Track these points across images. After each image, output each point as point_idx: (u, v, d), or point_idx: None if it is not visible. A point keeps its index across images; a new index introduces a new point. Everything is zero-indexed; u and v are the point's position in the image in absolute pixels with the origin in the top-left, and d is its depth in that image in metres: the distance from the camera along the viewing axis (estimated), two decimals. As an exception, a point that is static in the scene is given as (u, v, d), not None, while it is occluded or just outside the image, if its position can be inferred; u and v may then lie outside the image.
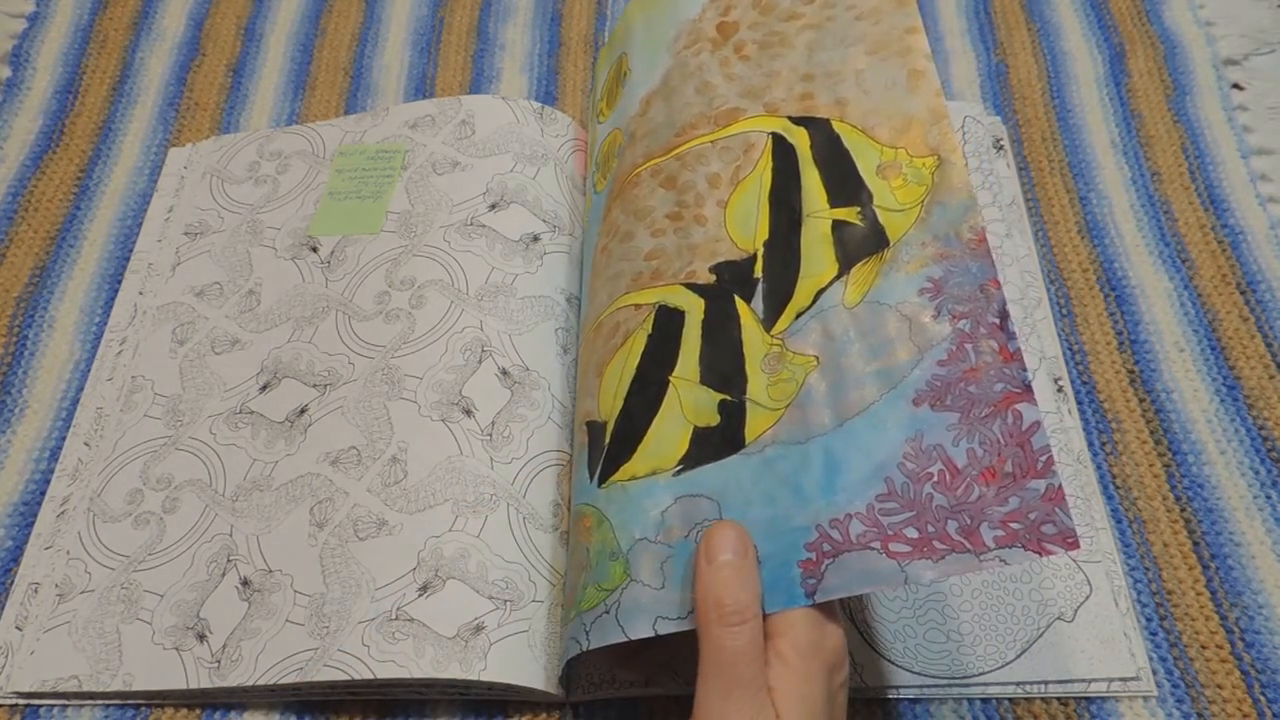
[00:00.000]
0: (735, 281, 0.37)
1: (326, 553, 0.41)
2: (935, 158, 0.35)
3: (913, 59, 0.37)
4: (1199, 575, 0.41)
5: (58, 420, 0.48)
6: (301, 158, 0.54)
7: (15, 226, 0.54)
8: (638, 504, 0.35)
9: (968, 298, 0.33)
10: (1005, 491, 0.30)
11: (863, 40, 0.39)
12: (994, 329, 0.32)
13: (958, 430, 0.31)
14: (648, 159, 0.42)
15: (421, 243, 0.49)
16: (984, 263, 0.33)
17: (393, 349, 0.46)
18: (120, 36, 0.63)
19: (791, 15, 0.41)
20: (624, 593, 0.34)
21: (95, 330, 0.51)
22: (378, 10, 0.64)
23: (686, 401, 0.36)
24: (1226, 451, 0.44)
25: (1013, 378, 0.31)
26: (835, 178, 0.37)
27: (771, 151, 0.39)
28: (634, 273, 0.40)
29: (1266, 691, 0.39)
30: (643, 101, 0.44)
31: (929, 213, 0.34)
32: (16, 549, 0.44)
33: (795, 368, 0.35)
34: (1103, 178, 0.53)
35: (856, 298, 0.35)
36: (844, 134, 0.37)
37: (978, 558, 0.30)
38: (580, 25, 0.62)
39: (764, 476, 0.34)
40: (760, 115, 0.39)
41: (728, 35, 0.42)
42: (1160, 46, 0.57)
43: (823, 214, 0.36)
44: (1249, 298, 0.48)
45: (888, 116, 0.37)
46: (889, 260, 0.35)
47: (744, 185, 0.39)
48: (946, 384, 0.32)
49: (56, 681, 0.40)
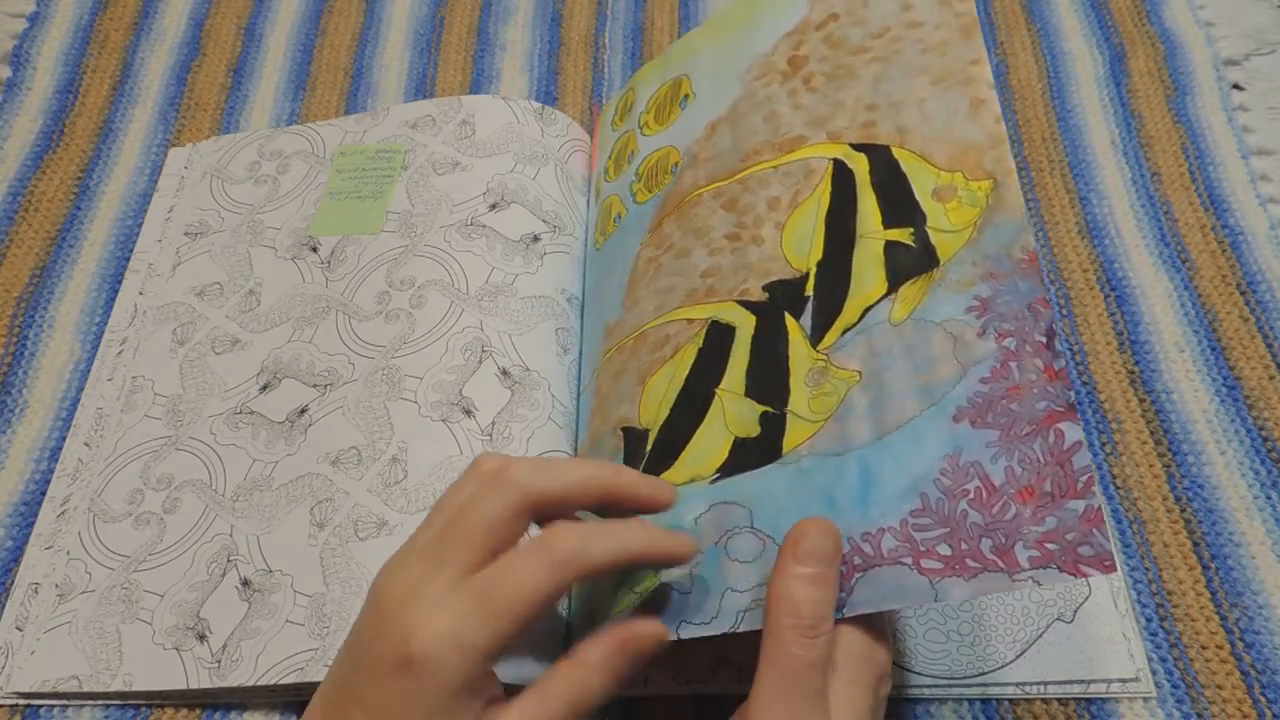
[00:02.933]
0: (786, 299, 0.38)
1: (327, 553, 0.41)
2: (991, 180, 0.36)
3: (975, 88, 0.38)
4: (1199, 576, 0.41)
5: (58, 420, 0.48)
6: (302, 158, 0.54)
7: (15, 226, 0.55)
8: (673, 511, 0.35)
9: (1015, 315, 0.33)
10: (1043, 511, 0.30)
11: (927, 71, 0.39)
12: (1040, 347, 0.32)
13: (997, 448, 0.31)
14: (710, 182, 0.43)
15: (422, 243, 0.49)
16: (1033, 281, 0.33)
17: (393, 349, 0.46)
18: (120, 36, 0.63)
19: (860, 49, 0.42)
20: (653, 595, 0.35)
21: (95, 330, 0.51)
22: (378, 10, 0.64)
23: (730, 412, 0.37)
24: (1227, 452, 0.44)
25: (1056, 396, 0.31)
26: (891, 201, 0.38)
27: (831, 176, 0.39)
28: (688, 289, 0.41)
29: (1267, 692, 0.39)
30: (708, 127, 0.45)
31: (981, 233, 0.35)
32: (17, 549, 0.44)
33: (838, 382, 0.35)
34: (1103, 178, 0.53)
35: (903, 314, 0.35)
36: (903, 159, 0.38)
37: (1011, 577, 0.29)
38: (580, 25, 0.62)
39: (798, 486, 0.34)
40: (823, 143, 0.40)
41: (797, 68, 0.43)
42: (1160, 47, 0.57)
43: (876, 235, 0.37)
44: (1249, 298, 0.48)
45: (947, 142, 0.37)
46: (938, 279, 0.35)
47: (802, 208, 0.39)
48: (988, 401, 0.32)
49: (57, 681, 0.40)
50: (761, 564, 0.33)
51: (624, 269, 0.45)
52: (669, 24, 0.62)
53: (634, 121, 0.51)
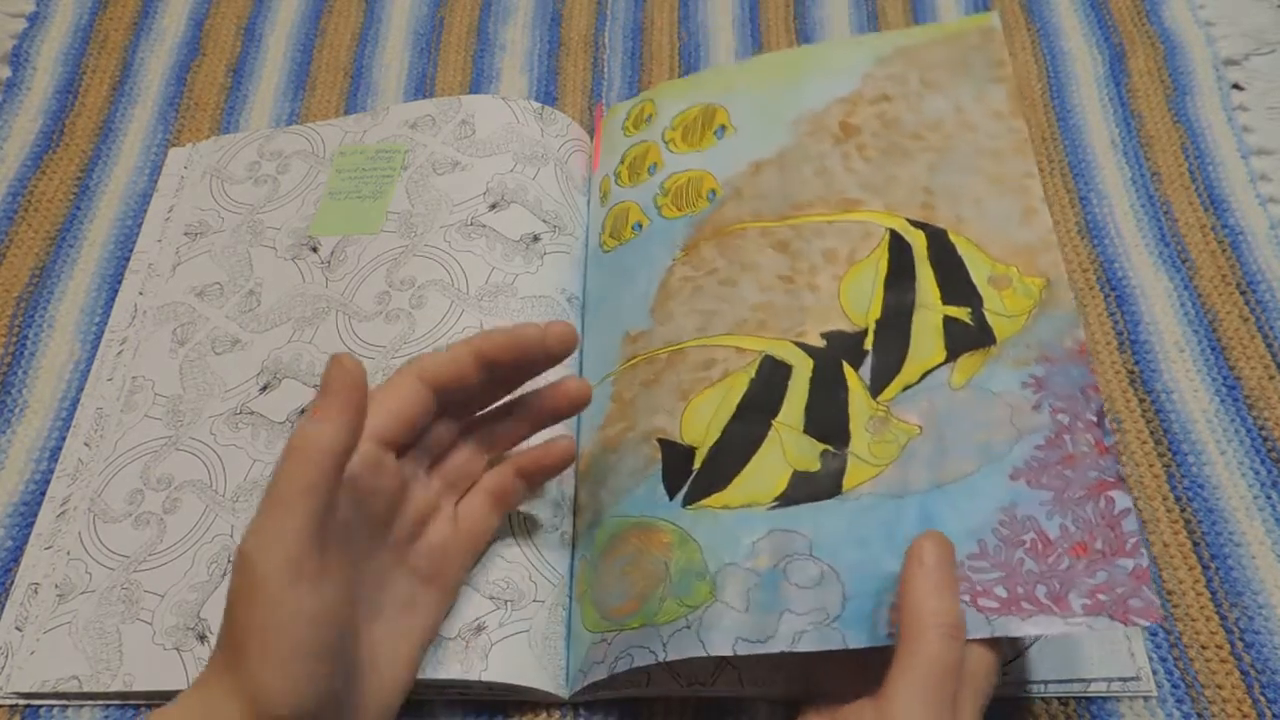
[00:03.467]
0: (845, 350, 0.41)
1: (327, 553, 0.41)
2: (1045, 279, 0.40)
3: (1028, 199, 0.42)
4: (1199, 576, 0.41)
5: (58, 420, 0.48)
6: (301, 157, 0.54)
7: (15, 226, 0.54)
8: (730, 532, 0.38)
9: (1068, 396, 0.36)
10: (1094, 566, 0.33)
11: (982, 172, 0.43)
12: (1091, 425, 0.35)
13: (1051, 506, 0.34)
14: (757, 219, 0.45)
15: (422, 243, 0.49)
16: (1084, 369, 0.37)
17: (393, 349, 0.46)
18: (120, 36, 0.63)
19: (915, 135, 0.46)
20: (707, 610, 0.36)
21: (95, 330, 0.51)
22: (377, 10, 0.64)
23: (789, 446, 0.39)
24: (1227, 452, 0.44)
25: (1106, 468, 0.34)
26: (949, 279, 0.41)
27: (888, 245, 0.43)
28: (737, 318, 0.43)
29: (1266, 692, 0.39)
30: (752, 165, 0.48)
31: (1035, 322, 0.39)
32: (17, 549, 0.44)
33: (899, 432, 0.38)
34: (1102, 178, 0.53)
35: (963, 381, 0.38)
36: (959, 244, 0.42)
37: (1065, 620, 0.32)
38: (580, 25, 0.62)
39: (859, 521, 0.36)
40: (880, 211, 0.44)
41: (850, 134, 0.47)
42: (1160, 47, 0.57)
43: (935, 308, 0.40)
44: (1249, 298, 0.48)
45: (1002, 237, 0.41)
46: (995, 355, 0.39)
47: (860, 266, 0.42)
48: (1044, 465, 0.35)
49: (57, 682, 0.40)
50: (821, 590, 0.35)
51: (649, 280, 0.46)
52: (669, 24, 0.62)
53: (656, 135, 0.51)
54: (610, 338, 0.46)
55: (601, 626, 0.38)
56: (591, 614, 0.39)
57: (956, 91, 0.46)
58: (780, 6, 0.62)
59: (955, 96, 0.46)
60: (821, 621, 0.34)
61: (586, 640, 0.39)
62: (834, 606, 0.35)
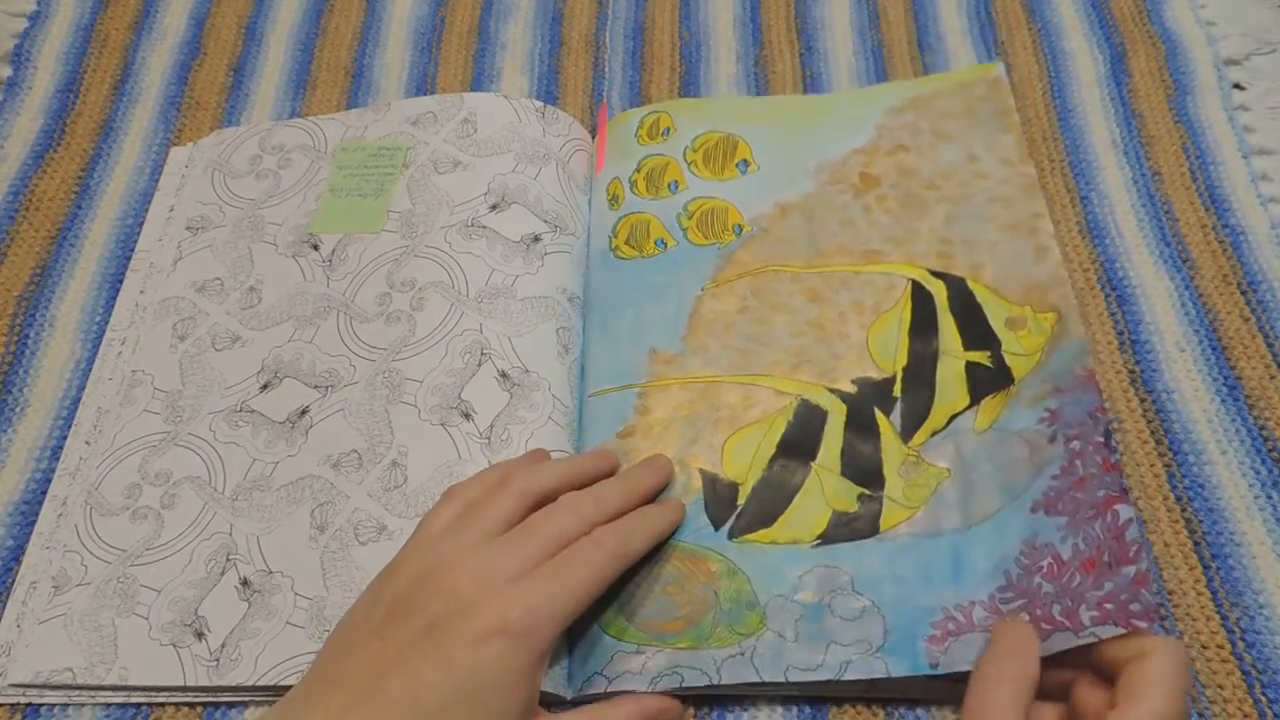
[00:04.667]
0: (876, 396, 0.44)
1: (327, 556, 0.41)
2: (1056, 313, 0.44)
3: (1039, 238, 0.46)
4: (1199, 575, 0.41)
5: (59, 419, 0.48)
6: (303, 152, 0.54)
7: (16, 225, 0.55)
8: (777, 566, 0.40)
9: (1079, 423, 0.40)
10: (1102, 578, 0.35)
11: (996, 219, 0.47)
12: (1099, 446, 0.39)
13: (1065, 530, 0.37)
14: (786, 264, 0.48)
15: (422, 243, 0.49)
16: (1093, 394, 0.41)
17: (394, 352, 0.46)
18: (121, 35, 0.63)
19: (930, 185, 0.49)
20: (759, 639, 0.38)
21: (96, 329, 0.51)
22: (378, 9, 0.64)
23: (828, 488, 0.42)
24: (1227, 452, 0.44)
25: (1113, 484, 0.37)
26: (969, 326, 0.45)
27: (911, 295, 0.46)
28: (772, 359, 0.46)
29: (1267, 692, 0.39)
30: (778, 207, 0.50)
31: (1048, 357, 0.43)
32: (18, 548, 0.44)
33: (929, 476, 0.41)
34: (1103, 177, 0.53)
35: (986, 424, 0.42)
36: (977, 291, 0.45)
37: (1076, 635, 0.34)
38: (581, 25, 0.62)
39: (896, 560, 0.39)
40: (902, 263, 0.47)
41: (870, 186, 0.50)
42: (1161, 46, 0.57)
43: (957, 354, 0.44)
44: (1250, 298, 0.48)
45: (1016, 278, 0.45)
46: (1014, 395, 0.42)
47: (886, 316, 0.46)
48: (1059, 494, 0.38)
49: (51, 674, 0.40)
50: (863, 623, 0.38)
51: (678, 303, 0.48)
52: (669, 24, 0.62)
53: (677, 152, 0.53)
54: (631, 347, 0.47)
55: (636, 637, 0.39)
56: (618, 621, 0.39)
57: (968, 141, 0.50)
58: (781, 6, 0.62)
59: (967, 146, 0.50)
60: (866, 652, 0.37)
61: (606, 645, 0.39)
62: (876, 638, 0.38)
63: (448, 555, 0.36)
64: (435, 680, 0.32)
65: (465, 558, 0.35)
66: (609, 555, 0.37)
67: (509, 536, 0.36)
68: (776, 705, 0.39)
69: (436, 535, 0.37)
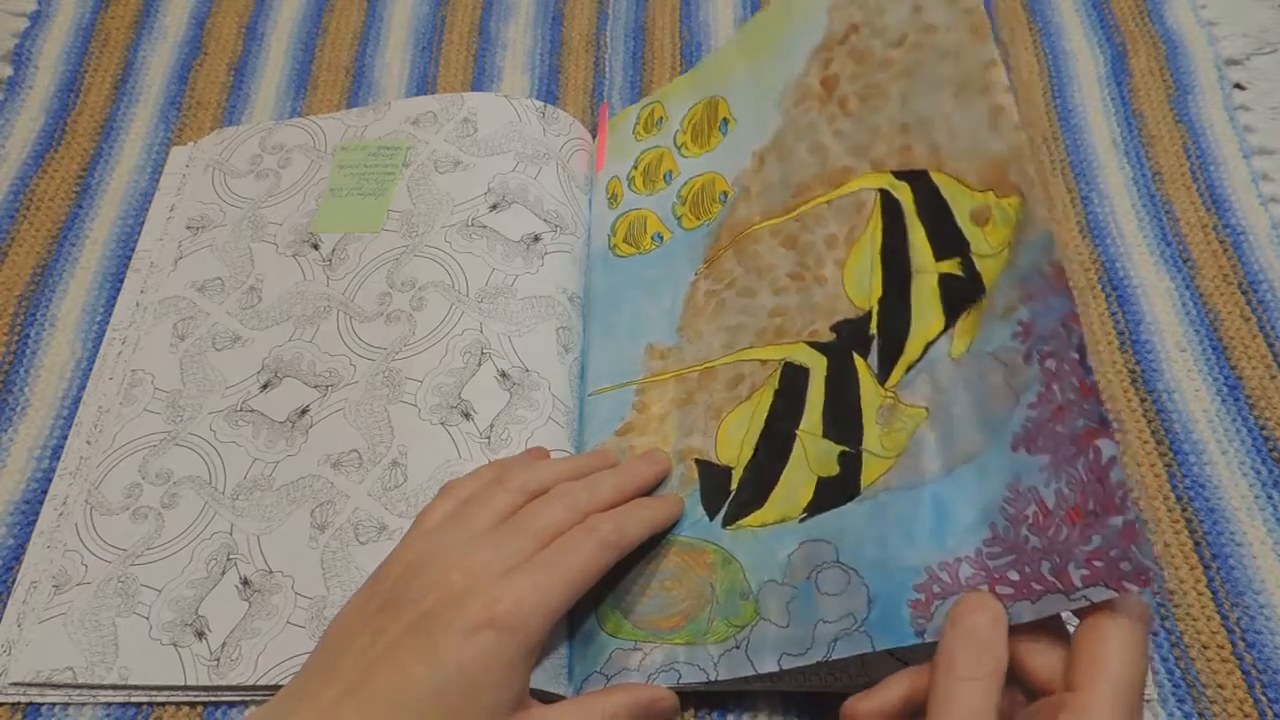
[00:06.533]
0: (853, 338, 0.40)
1: (328, 556, 0.41)
2: (1019, 196, 0.36)
3: (993, 94, 0.38)
4: (1200, 575, 0.41)
5: (59, 419, 0.48)
6: (303, 151, 0.54)
7: (17, 225, 0.55)
8: (767, 549, 0.38)
9: (1053, 335, 0.33)
10: (1088, 530, 0.31)
11: (949, 81, 0.40)
12: (1075, 365, 0.32)
13: (1048, 472, 0.32)
14: (766, 217, 0.45)
15: (423, 243, 0.49)
16: (1064, 298, 0.33)
17: (394, 351, 0.46)
18: (122, 35, 0.63)
19: (884, 62, 0.43)
20: (754, 630, 0.37)
21: (97, 329, 0.51)
22: (379, 9, 0.64)
23: (811, 453, 0.39)
24: (1228, 452, 0.44)
25: (1091, 413, 0.31)
26: (937, 231, 0.39)
27: (881, 209, 0.41)
28: (758, 328, 0.43)
29: (1268, 692, 0.39)
30: (755, 157, 0.46)
31: (1015, 254, 0.36)
32: (18, 547, 0.44)
33: (906, 419, 0.37)
34: (1104, 177, 0.53)
35: (961, 348, 0.37)
36: (942, 184, 0.39)
37: (1068, 597, 0.31)
38: (582, 25, 0.62)
39: (877, 520, 0.36)
40: (868, 173, 0.42)
41: (831, 90, 0.45)
42: (1162, 46, 0.57)
43: (929, 269, 0.39)
44: (1250, 298, 0.48)
45: (976, 158, 0.38)
46: (986, 308, 0.36)
47: (858, 245, 0.41)
48: (1038, 426, 0.33)
49: (51, 672, 0.40)
50: (848, 596, 0.35)
51: (673, 295, 0.46)
52: (670, 24, 0.62)
53: (668, 139, 0.51)
54: (628, 345, 0.46)
55: (633, 634, 0.39)
56: (615, 618, 0.39)
57: None
58: (782, 6, 0.62)
59: None
60: (850, 627, 0.35)
61: (605, 643, 0.39)
62: (860, 610, 0.35)
63: (441, 549, 0.35)
64: (424, 673, 0.32)
65: (458, 552, 0.35)
66: (601, 543, 0.36)
67: (501, 529, 0.36)
68: (777, 705, 0.39)
69: (431, 530, 0.37)
